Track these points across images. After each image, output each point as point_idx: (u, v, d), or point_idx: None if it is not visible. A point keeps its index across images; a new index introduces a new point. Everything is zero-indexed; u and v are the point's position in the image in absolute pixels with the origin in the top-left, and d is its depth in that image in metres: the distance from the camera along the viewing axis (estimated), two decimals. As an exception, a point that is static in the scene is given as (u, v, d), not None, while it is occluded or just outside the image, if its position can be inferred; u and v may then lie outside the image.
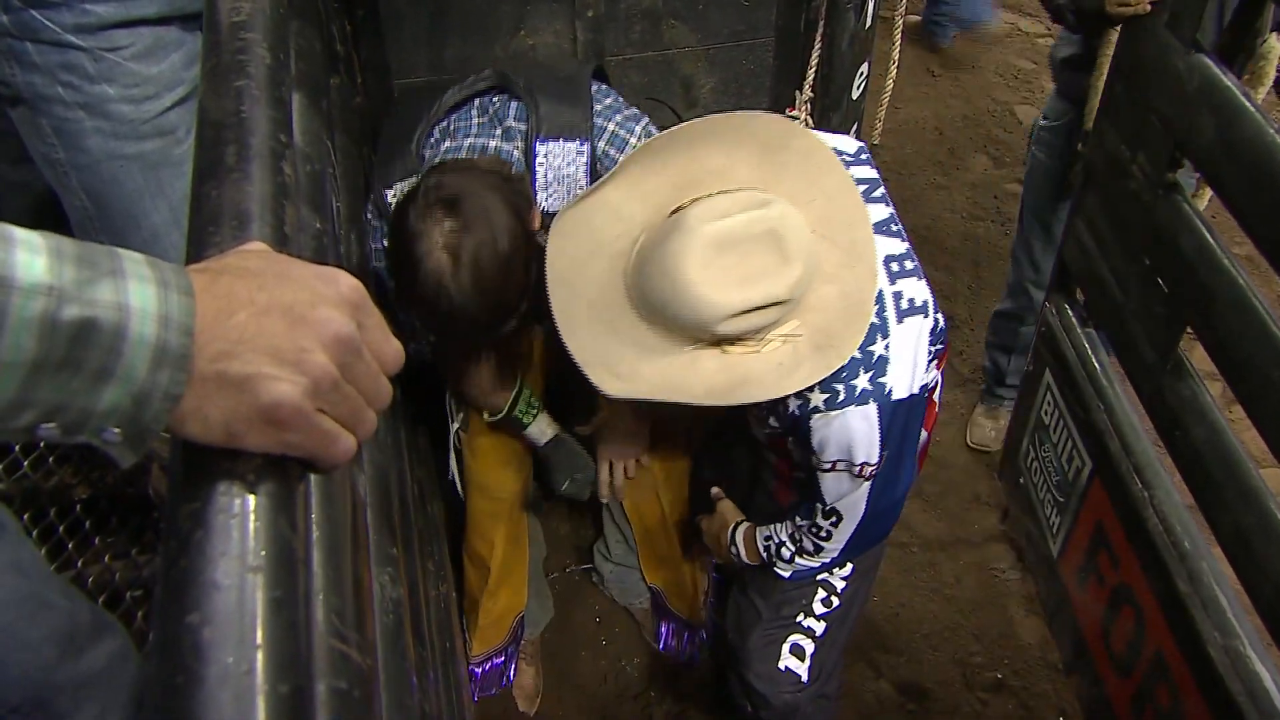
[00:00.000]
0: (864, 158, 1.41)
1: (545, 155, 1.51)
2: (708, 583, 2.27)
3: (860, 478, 1.34)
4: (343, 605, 0.69)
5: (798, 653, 1.69)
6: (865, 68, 2.07)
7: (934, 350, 1.35)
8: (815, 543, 1.48)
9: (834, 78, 1.92)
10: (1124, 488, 1.77)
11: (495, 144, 1.53)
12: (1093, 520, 1.92)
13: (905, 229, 1.40)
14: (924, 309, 1.32)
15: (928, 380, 1.35)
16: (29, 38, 1.22)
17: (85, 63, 1.26)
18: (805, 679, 1.70)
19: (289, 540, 0.54)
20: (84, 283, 0.48)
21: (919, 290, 1.33)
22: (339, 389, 0.56)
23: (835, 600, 1.68)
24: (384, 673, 0.94)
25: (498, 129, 1.53)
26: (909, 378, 1.30)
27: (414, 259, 1.29)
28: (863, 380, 1.27)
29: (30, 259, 0.47)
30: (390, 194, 1.49)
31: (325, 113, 1.28)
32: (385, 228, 1.48)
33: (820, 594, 1.68)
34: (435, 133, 1.56)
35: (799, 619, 1.69)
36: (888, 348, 1.28)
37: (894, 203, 1.40)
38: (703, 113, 1.86)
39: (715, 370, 1.22)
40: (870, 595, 1.80)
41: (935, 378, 1.41)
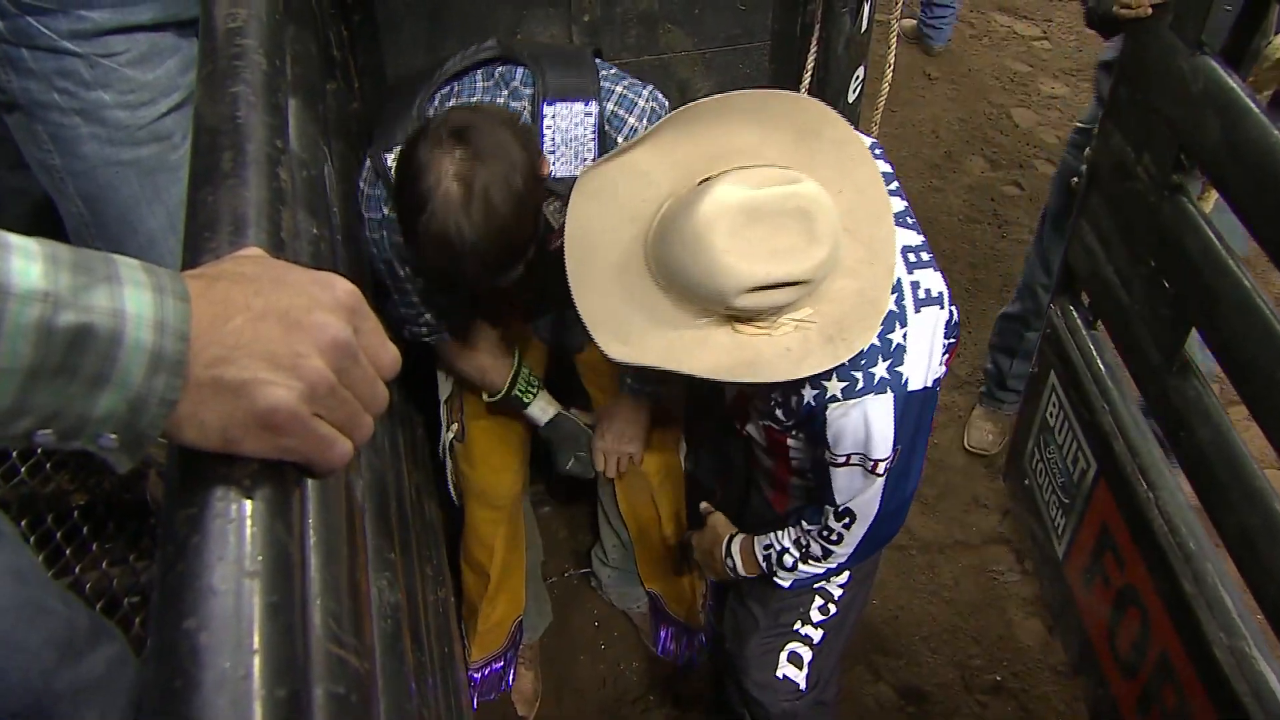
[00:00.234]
0: (878, 153, 1.41)
1: (553, 117, 1.46)
2: (706, 587, 2.27)
3: (873, 474, 1.32)
4: (340, 610, 0.69)
5: (795, 660, 1.69)
6: (861, 71, 2.08)
7: (947, 344, 1.34)
8: (825, 546, 1.47)
9: (830, 81, 1.92)
10: (1129, 489, 1.77)
11: (503, 102, 1.49)
12: (1098, 521, 1.92)
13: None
14: (940, 300, 1.32)
15: (940, 374, 1.35)
16: (25, 44, 1.22)
17: (81, 69, 1.26)
18: (803, 687, 1.70)
19: (286, 545, 0.54)
20: (80, 289, 0.48)
21: (935, 281, 1.32)
22: (335, 394, 0.56)
23: (833, 608, 1.67)
24: (382, 678, 0.94)
25: (504, 90, 1.49)
26: (925, 369, 1.29)
27: (423, 190, 1.24)
28: (881, 369, 1.26)
29: (26, 265, 0.47)
30: (390, 157, 1.44)
31: (322, 118, 1.28)
32: (385, 193, 1.45)
33: (818, 601, 1.67)
34: (437, 98, 1.52)
35: (796, 627, 1.68)
36: (905, 337, 1.27)
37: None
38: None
39: (724, 347, 1.20)
40: (868, 601, 1.80)
41: (943, 372, 1.41)
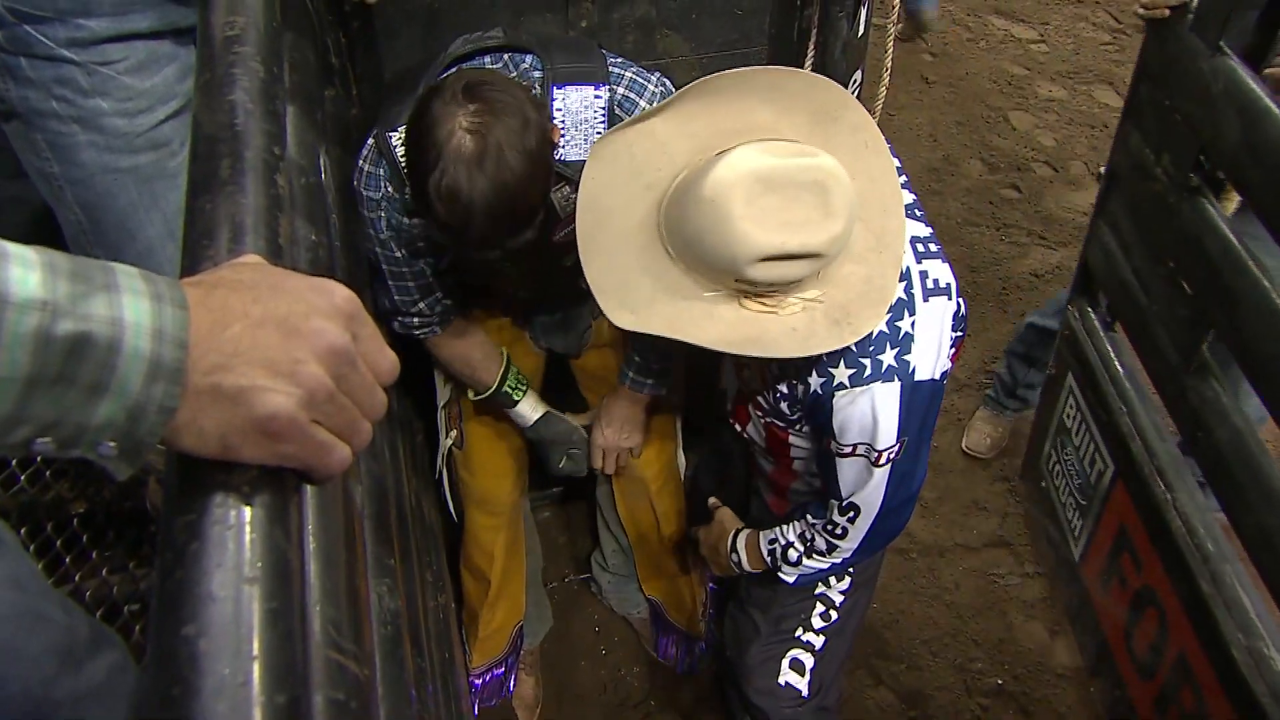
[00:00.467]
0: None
1: (563, 100, 1.45)
2: (706, 594, 2.27)
3: (877, 465, 1.31)
4: (339, 616, 0.69)
5: (797, 667, 1.68)
6: (859, 75, 2.08)
7: (955, 337, 1.34)
8: (829, 541, 1.45)
9: (827, 85, 1.93)
10: (1147, 490, 1.77)
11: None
12: (1115, 523, 1.92)
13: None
14: (948, 291, 1.31)
15: (948, 368, 1.34)
16: (23, 53, 1.23)
17: (79, 77, 1.26)
18: (805, 693, 1.69)
19: (285, 551, 0.54)
20: (78, 297, 0.48)
21: (943, 272, 1.32)
22: (334, 400, 0.57)
23: (834, 614, 1.67)
24: (382, 684, 0.94)
25: (513, 72, 1.48)
26: (933, 360, 1.28)
27: (435, 143, 1.23)
28: (889, 356, 1.26)
29: (24, 274, 0.47)
30: (394, 136, 1.43)
31: (320, 125, 1.29)
32: (389, 171, 1.45)
33: (819, 608, 1.66)
34: (443, 79, 1.51)
35: (798, 633, 1.68)
36: (914, 325, 1.27)
37: None
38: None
39: (730, 322, 1.20)
40: (869, 606, 1.79)
41: (950, 367, 1.41)
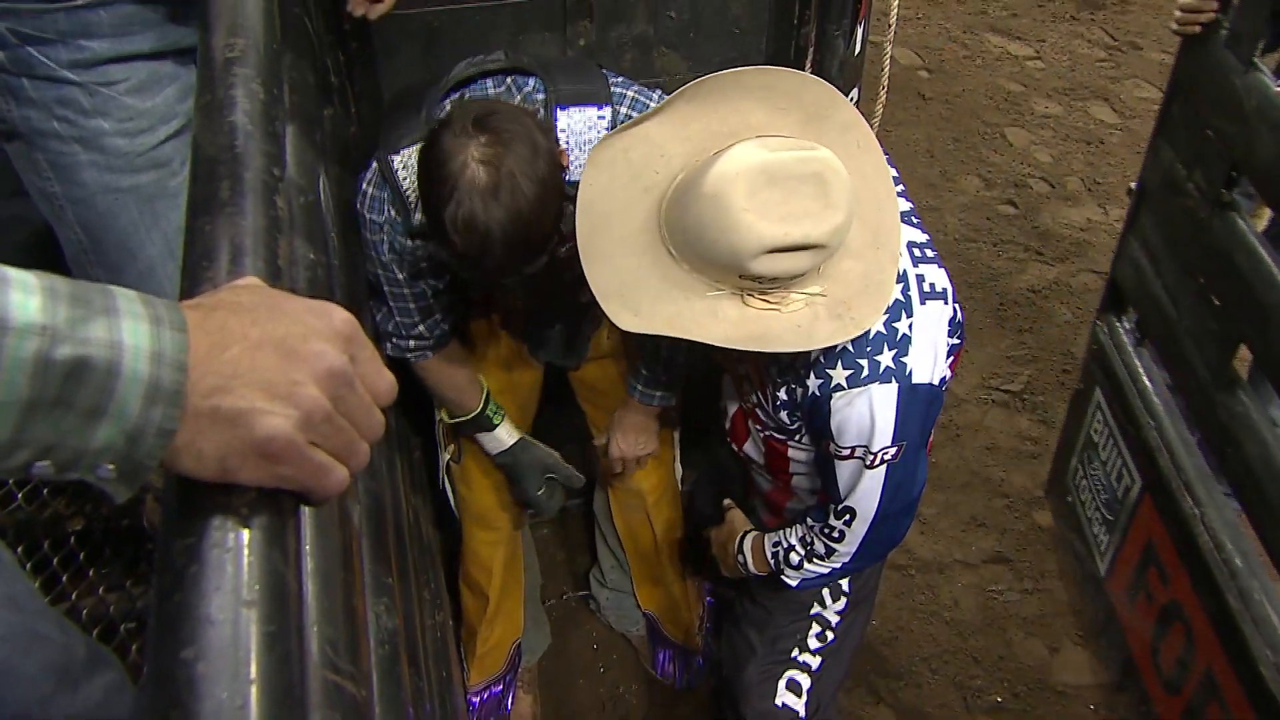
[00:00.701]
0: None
1: (567, 121, 1.47)
2: (703, 608, 2.26)
3: (871, 467, 1.31)
4: (337, 637, 0.69)
5: (794, 688, 1.67)
6: (855, 92, 2.09)
7: (952, 344, 1.34)
8: (827, 545, 1.45)
9: (824, 103, 1.94)
10: (1175, 505, 1.77)
11: (517, 103, 1.48)
12: (1143, 538, 1.92)
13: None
14: (944, 296, 1.32)
15: (946, 375, 1.34)
16: (25, 74, 1.23)
17: (80, 97, 1.27)
18: (802, 714, 1.68)
19: (283, 574, 0.54)
20: (77, 321, 0.48)
21: (940, 277, 1.33)
22: (331, 421, 0.57)
23: (830, 634, 1.66)
24: (379, 704, 0.94)
25: (516, 96, 1.49)
26: (930, 363, 1.29)
27: (449, 177, 1.24)
28: (886, 357, 1.26)
29: (24, 299, 0.47)
30: (397, 159, 1.45)
31: (319, 144, 1.29)
32: (391, 195, 1.46)
33: (815, 628, 1.66)
34: (446, 103, 1.51)
35: (794, 654, 1.67)
36: (911, 327, 1.28)
37: None
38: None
39: (734, 320, 1.20)
40: (867, 626, 1.79)
41: (950, 375, 1.40)
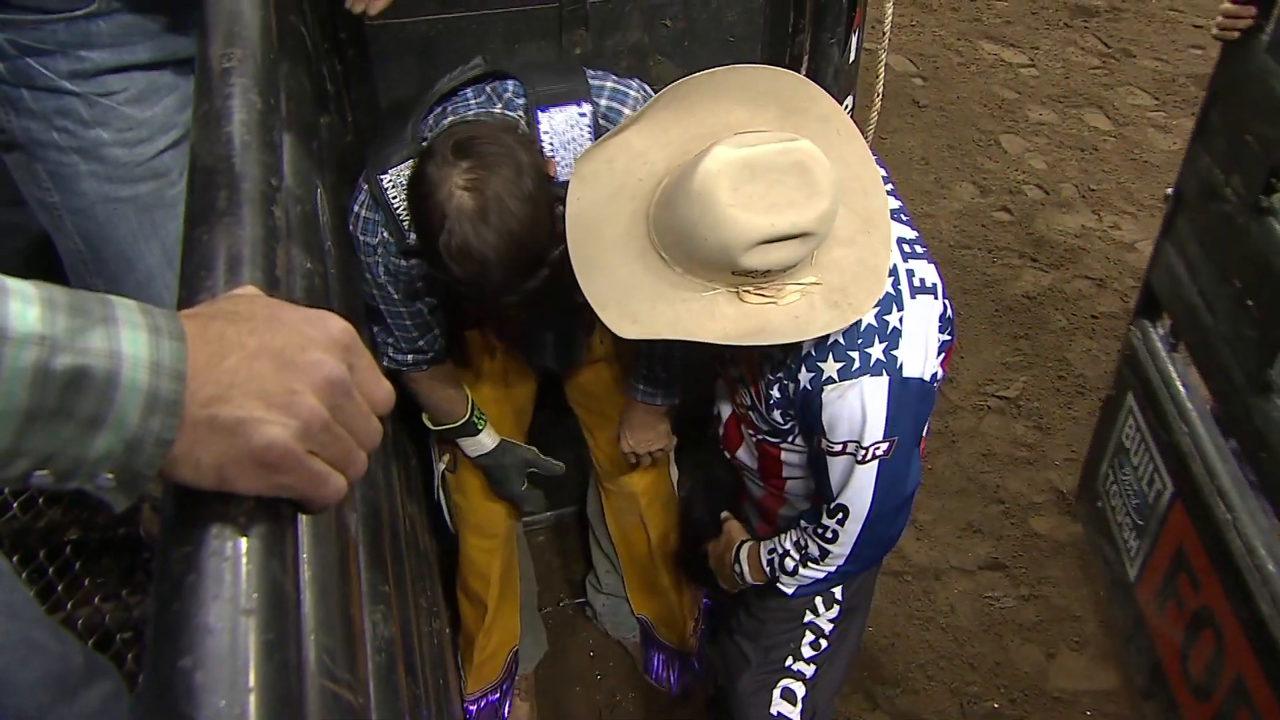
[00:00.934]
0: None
1: (549, 122, 1.47)
2: (699, 610, 2.26)
3: (863, 462, 1.32)
4: (334, 645, 0.69)
5: (789, 697, 1.67)
6: (850, 100, 2.10)
7: (942, 340, 1.34)
8: (821, 546, 1.45)
9: (819, 111, 1.94)
10: (1207, 510, 1.77)
11: (499, 114, 1.49)
12: (1173, 543, 1.92)
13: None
14: (934, 290, 1.32)
15: (937, 372, 1.34)
16: (24, 85, 1.24)
17: (80, 108, 1.27)
18: None
19: (281, 582, 0.55)
20: (76, 331, 0.49)
21: (929, 272, 1.33)
22: (329, 430, 0.57)
23: (824, 642, 1.66)
24: (376, 712, 0.94)
25: (497, 103, 1.50)
26: (921, 357, 1.29)
27: (437, 207, 1.25)
28: (877, 350, 1.27)
29: (24, 309, 0.47)
30: (386, 179, 1.46)
31: (316, 153, 1.30)
32: (384, 216, 1.47)
33: (808, 637, 1.66)
34: (430, 118, 1.52)
35: (788, 663, 1.67)
36: (902, 320, 1.28)
37: None
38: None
39: (733, 317, 1.20)
40: (862, 634, 1.79)
41: (941, 373, 1.40)
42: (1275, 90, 1.59)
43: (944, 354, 1.37)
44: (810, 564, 1.49)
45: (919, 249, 1.35)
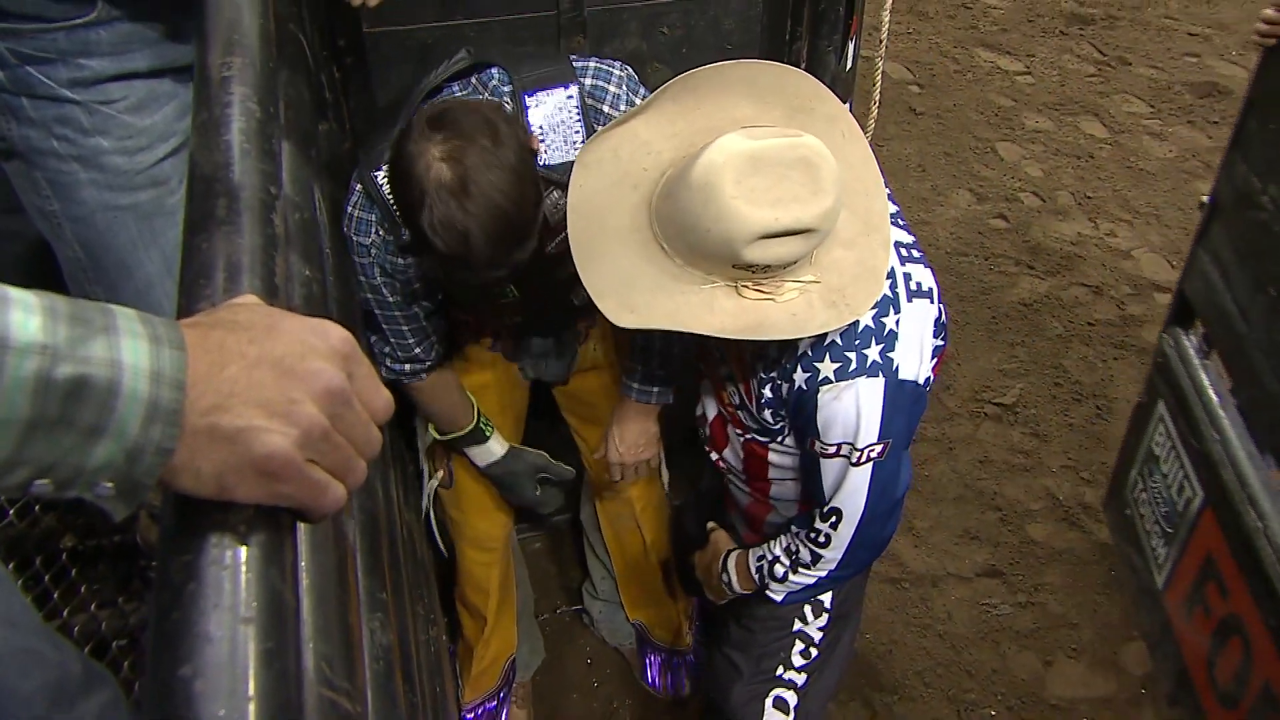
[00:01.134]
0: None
1: (536, 106, 1.47)
2: (692, 609, 2.27)
3: (857, 465, 1.32)
4: (333, 653, 0.69)
5: (781, 706, 1.67)
6: (847, 107, 2.11)
7: (936, 344, 1.35)
8: (813, 550, 1.44)
9: (816, 119, 1.95)
10: (1237, 518, 1.77)
11: (485, 99, 1.48)
12: (1202, 551, 1.92)
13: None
14: (930, 295, 1.33)
15: (930, 376, 1.35)
16: (25, 93, 1.24)
17: (80, 116, 1.27)
18: None
19: (280, 591, 0.55)
20: (77, 340, 0.49)
21: (926, 277, 1.34)
22: (329, 439, 0.57)
23: (814, 651, 1.66)
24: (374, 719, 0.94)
25: (483, 92, 1.50)
26: (916, 361, 1.29)
27: (416, 180, 1.24)
28: (874, 352, 1.27)
29: (25, 318, 0.48)
30: (380, 175, 1.45)
31: (314, 160, 1.30)
32: (379, 214, 1.46)
33: (799, 645, 1.66)
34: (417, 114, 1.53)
35: (779, 672, 1.67)
36: (898, 323, 1.28)
37: None
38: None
39: (731, 312, 1.20)
40: (854, 641, 1.78)
41: (933, 377, 1.40)
42: None
43: (937, 359, 1.37)
44: (801, 569, 1.48)
45: (916, 253, 1.36)
